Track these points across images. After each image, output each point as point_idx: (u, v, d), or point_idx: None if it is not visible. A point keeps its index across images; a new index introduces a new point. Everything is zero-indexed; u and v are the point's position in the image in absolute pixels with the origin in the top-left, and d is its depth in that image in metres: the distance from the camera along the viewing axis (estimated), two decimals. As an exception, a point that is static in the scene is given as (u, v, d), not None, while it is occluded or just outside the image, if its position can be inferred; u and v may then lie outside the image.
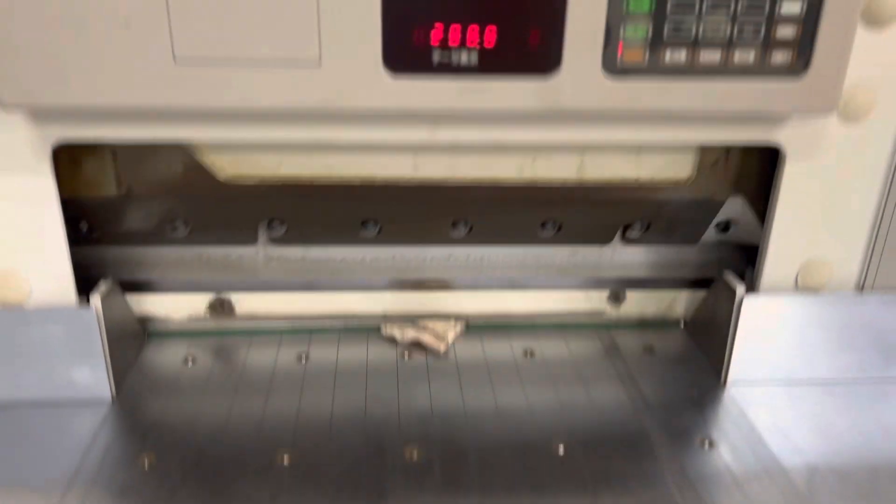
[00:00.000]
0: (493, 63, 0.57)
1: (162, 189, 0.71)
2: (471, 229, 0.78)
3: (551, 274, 0.81)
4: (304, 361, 0.76)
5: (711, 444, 0.66)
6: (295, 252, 0.79)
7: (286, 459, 0.62)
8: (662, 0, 0.56)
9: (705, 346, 0.79)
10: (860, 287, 0.73)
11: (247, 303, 0.80)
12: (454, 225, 0.78)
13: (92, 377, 0.68)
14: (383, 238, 0.79)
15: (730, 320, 0.73)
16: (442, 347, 0.79)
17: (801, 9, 0.57)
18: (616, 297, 0.83)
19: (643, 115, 0.63)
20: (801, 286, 0.72)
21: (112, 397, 0.69)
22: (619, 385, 0.74)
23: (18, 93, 0.54)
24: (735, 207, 0.78)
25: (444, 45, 0.56)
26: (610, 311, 0.84)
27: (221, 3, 0.53)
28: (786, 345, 0.73)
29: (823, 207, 0.69)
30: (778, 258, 0.71)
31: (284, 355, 0.77)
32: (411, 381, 0.74)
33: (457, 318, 0.82)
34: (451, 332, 0.81)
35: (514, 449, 0.64)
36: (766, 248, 0.71)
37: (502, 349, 0.80)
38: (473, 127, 0.63)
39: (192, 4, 0.52)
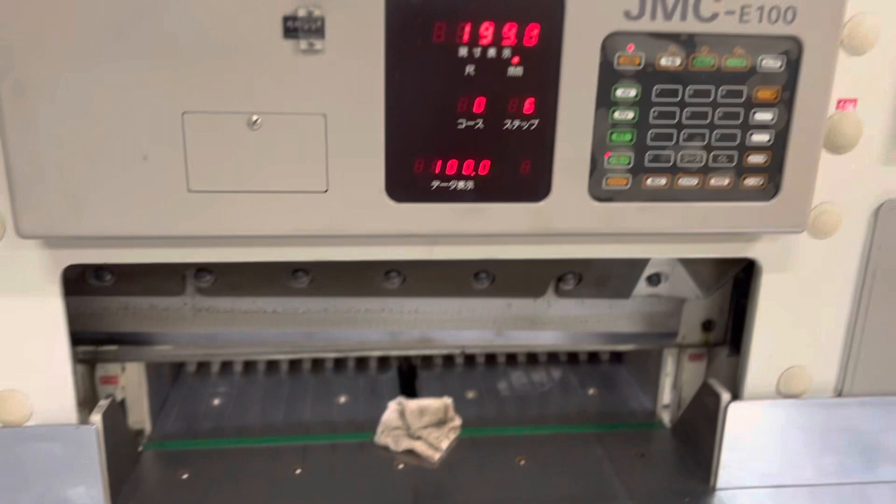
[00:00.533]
0: (488, 190, 0.61)
1: None
2: (404, 280, 0.79)
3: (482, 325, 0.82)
4: (297, 474, 0.76)
5: (706, 553, 0.67)
6: (224, 303, 0.79)
7: (286, 579, 0.62)
8: (643, 132, 0.60)
9: (693, 450, 0.81)
10: (839, 392, 0.76)
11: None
12: (387, 275, 0.79)
13: (88, 495, 0.68)
14: (315, 289, 0.78)
15: (715, 426, 0.75)
16: (435, 457, 0.80)
17: (770, 139, 0.62)
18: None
19: (627, 235, 0.67)
20: (783, 392, 0.75)
21: (107, 516, 0.69)
22: (612, 493, 0.75)
23: (36, 224, 0.57)
24: (664, 261, 0.81)
25: (442, 174, 0.60)
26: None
27: (234, 140, 0.56)
28: (771, 450, 0.75)
29: (800, 317, 0.73)
30: (759, 366, 0.74)
31: (279, 467, 0.77)
32: (402, 494, 0.74)
33: (452, 427, 0.83)
34: (445, 440, 0.82)
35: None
36: (748, 356, 0.74)
37: (496, 458, 0.81)
38: (469, 245, 0.67)
39: (206, 141, 0.56)
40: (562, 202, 0.61)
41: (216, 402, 0.89)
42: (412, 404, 0.85)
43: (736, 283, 0.81)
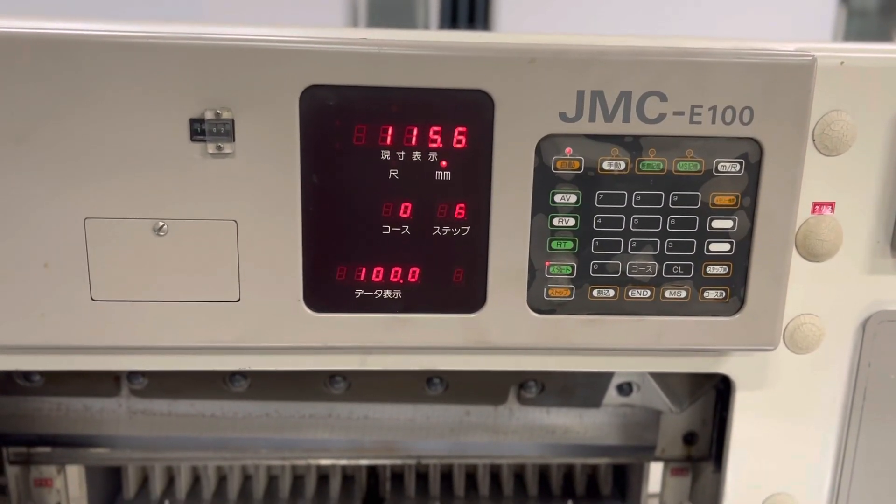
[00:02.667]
0: (417, 300, 0.56)
1: None
2: (349, 385, 0.74)
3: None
4: None
5: None
6: (160, 406, 0.74)
7: None
8: (586, 240, 0.55)
9: (673, 579, 0.73)
10: (830, 524, 0.67)
11: None
12: (331, 380, 0.74)
13: None
14: (255, 393, 0.74)
15: (693, 557, 0.67)
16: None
17: (731, 248, 0.56)
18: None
19: (574, 350, 0.61)
20: (767, 523, 0.67)
21: None
22: None
23: (-67, 331, 0.54)
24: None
25: (367, 282, 0.55)
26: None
27: (139, 246, 0.53)
28: (755, 588, 0.67)
29: (782, 439, 0.65)
30: (739, 492, 0.67)
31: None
32: None
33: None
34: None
35: None
36: (725, 481, 0.66)
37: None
38: (404, 355, 0.62)
39: (110, 248, 0.53)
40: (498, 314, 0.56)
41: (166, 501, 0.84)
42: (372, 514, 0.79)
43: (718, 392, 0.74)
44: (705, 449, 0.77)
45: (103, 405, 0.73)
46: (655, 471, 0.82)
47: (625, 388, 0.76)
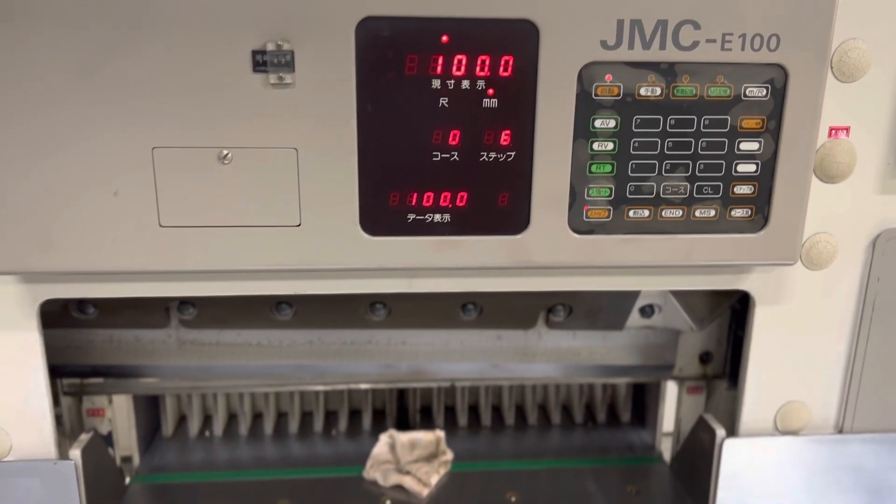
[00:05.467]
0: (465, 223, 0.59)
1: None
2: (390, 312, 0.78)
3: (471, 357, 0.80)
4: (285, 509, 0.75)
5: None
6: (209, 335, 0.78)
7: None
8: (624, 163, 0.59)
9: (690, 487, 0.78)
10: (840, 428, 0.73)
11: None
12: (372, 307, 0.78)
13: (67, 532, 0.67)
14: (300, 321, 0.77)
15: (711, 463, 0.72)
16: (424, 493, 0.78)
17: (757, 169, 0.60)
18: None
19: (610, 268, 0.65)
20: (781, 429, 0.72)
21: (87, 553, 0.68)
22: (604, 532, 0.73)
23: (9, 260, 0.56)
24: (656, 292, 0.79)
25: (418, 207, 0.59)
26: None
27: (205, 174, 0.56)
28: (770, 489, 0.73)
29: (797, 350, 0.70)
30: (755, 401, 0.72)
31: (266, 501, 0.76)
32: (392, 529, 0.73)
33: (443, 463, 0.82)
34: (435, 475, 0.80)
35: None
36: (743, 391, 0.71)
37: (486, 494, 0.79)
38: (449, 278, 0.66)
39: (177, 176, 0.56)
40: (541, 235, 0.60)
41: (206, 434, 0.88)
42: (403, 438, 0.84)
43: (733, 313, 0.79)
44: (720, 367, 0.82)
45: (153, 336, 0.77)
46: (671, 392, 0.87)
47: (647, 311, 0.80)
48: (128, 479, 0.80)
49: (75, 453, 0.66)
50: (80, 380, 0.76)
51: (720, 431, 0.72)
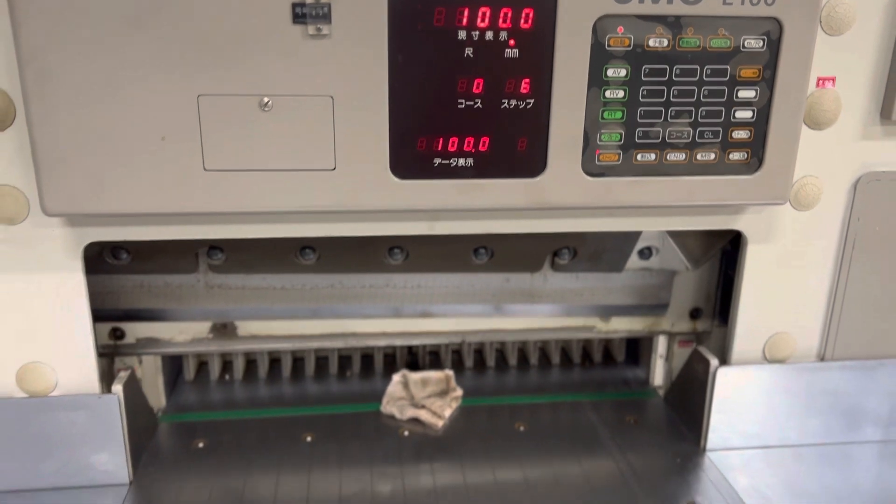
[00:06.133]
0: (486, 167, 0.64)
1: None
2: (407, 256, 0.83)
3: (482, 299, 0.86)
4: (308, 443, 0.80)
5: (696, 508, 0.71)
6: (235, 280, 0.82)
7: (301, 535, 0.66)
8: (633, 110, 0.64)
9: (684, 415, 0.85)
10: (822, 357, 0.80)
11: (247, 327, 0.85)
12: (390, 252, 0.82)
13: (111, 462, 0.71)
14: (322, 266, 0.82)
15: (705, 391, 0.79)
16: (439, 424, 0.84)
17: (753, 115, 0.65)
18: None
19: (619, 208, 0.70)
20: (769, 358, 0.79)
21: (130, 481, 0.72)
22: (608, 457, 0.79)
23: (61, 202, 0.60)
24: (654, 234, 0.85)
25: (443, 152, 0.63)
26: (600, 325, 0.90)
27: (247, 121, 0.60)
28: (758, 412, 0.79)
29: (784, 285, 0.77)
30: (746, 333, 0.78)
31: (291, 435, 0.81)
32: (413, 458, 0.78)
33: (454, 399, 0.87)
34: (448, 409, 0.86)
35: (513, 518, 0.69)
36: (735, 324, 0.78)
37: (496, 424, 0.85)
38: (468, 220, 0.70)
39: (220, 122, 0.59)
40: (557, 178, 0.65)
41: (226, 377, 0.93)
42: (415, 376, 0.89)
43: (724, 255, 0.85)
44: (708, 324, 0.88)
45: (182, 281, 0.80)
46: (664, 343, 0.93)
47: (645, 253, 0.86)
48: (157, 419, 0.84)
49: (117, 388, 0.71)
50: (114, 341, 0.80)
51: (714, 361, 0.78)
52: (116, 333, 0.81)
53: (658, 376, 0.93)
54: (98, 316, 0.77)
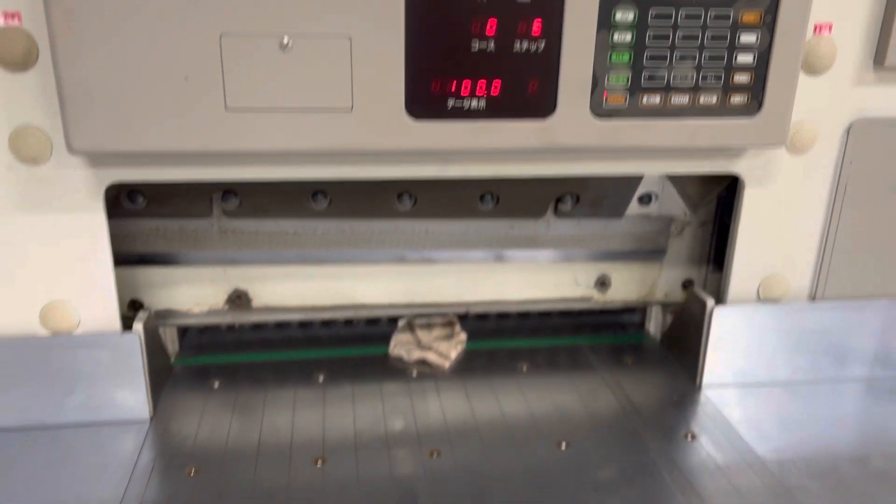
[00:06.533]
0: (498, 108, 0.66)
1: None
2: (415, 201, 0.85)
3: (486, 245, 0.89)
4: (321, 381, 0.83)
5: (694, 437, 0.75)
6: (249, 225, 0.84)
7: (320, 463, 0.69)
8: (640, 52, 0.66)
9: (679, 356, 0.89)
10: (812, 297, 0.83)
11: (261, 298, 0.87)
12: (399, 198, 0.84)
13: (132, 399, 0.74)
14: (333, 211, 0.84)
15: (701, 330, 0.82)
16: (446, 364, 0.87)
17: (754, 59, 0.68)
18: (602, 283, 0.93)
19: (625, 150, 0.73)
20: (762, 297, 0.83)
21: (150, 417, 0.75)
22: (608, 391, 0.83)
23: (86, 140, 0.61)
24: (654, 179, 0.88)
25: (457, 94, 0.65)
26: (597, 296, 0.93)
27: (267, 61, 0.61)
28: (751, 351, 0.83)
29: (778, 228, 0.80)
30: (741, 273, 0.81)
31: (302, 378, 0.84)
32: (422, 394, 0.81)
33: (459, 340, 0.90)
34: (454, 351, 0.89)
35: (521, 446, 0.72)
36: (731, 265, 0.81)
37: (500, 365, 0.88)
38: (479, 164, 0.73)
39: (242, 62, 0.61)
40: (566, 119, 0.67)
41: (235, 326, 0.95)
42: (421, 320, 0.92)
43: (719, 203, 0.88)
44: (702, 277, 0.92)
45: (197, 226, 0.82)
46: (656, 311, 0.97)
47: (645, 199, 0.89)
48: (172, 361, 0.86)
49: (138, 327, 0.73)
50: (133, 313, 0.81)
51: (710, 301, 0.81)
52: (135, 306, 0.83)
53: (654, 322, 0.96)
54: (114, 260, 0.79)
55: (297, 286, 0.88)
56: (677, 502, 0.65)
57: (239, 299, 0.87)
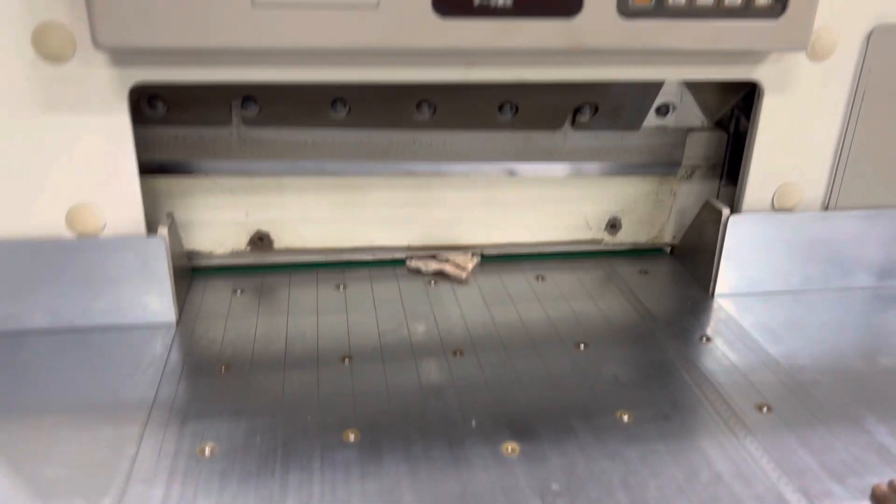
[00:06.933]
0: (525, 6, 0.66)
1: None
2: (434, 111, 0.85)
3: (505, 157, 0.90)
4: (342, 289, 0.84)
5: (709, 340, 0.77)
6: (268, 134, 0.84)
7: (347, 361, 0.70)
8: (666, -49, 0.66)
9: (692, 267, 0.90)
10: (826, 206, 0.85)
11: (283, 240, 0.88)
12: (419, 107, 0.84)
13: (158, 302, 0.75)
14: (352, 120, 0.84)
15: (716, 240, 0.84)
16: (464, 275, 0.88)
17: (779, -40, 0.68)
18: (613, 226, 0.94)
19: (648, 53, 0.73)
20: (777, 207, 0.84)
21: (177, 320, 0.76)
22: (623, 299, 0.84)
23: (112, 35, 0.61)
24: (673, 88, 0.88)
25: (483, -10, 0.65)
26: (607, 238, 0.95)
27: (296, -48, 0.60)
28: (764, 260, 0.85)
29: (795, 136, 0.81)
30: (756, 182, 0.82)
31: (323, 285, 0.85)
32: (442, 302, 0.83)
33: (472, 251, 0.91)
34: (470, 262, 0.90)
35: (540, 347, 0.74)
36: (747, 173, 0.82)
37: (516, 276, 0.89)
38: (502, 66, 0.73)
39: (270, -46, 0.60)
40: (592, 18, 0.67)
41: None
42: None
43: (732, 114, 0.88)
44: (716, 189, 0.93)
45: (216, 134, 0.82)
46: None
47: (662, 110, 0.89)
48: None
49: (163, 230, 0.73)
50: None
51: (725, 210, 0.83)
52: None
53: (667, 234, 0.98)
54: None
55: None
56: (695, 396, 0.67)
57: (261, 241, 0.88)
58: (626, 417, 0.64)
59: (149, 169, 0.81)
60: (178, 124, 0.81)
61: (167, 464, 0.57)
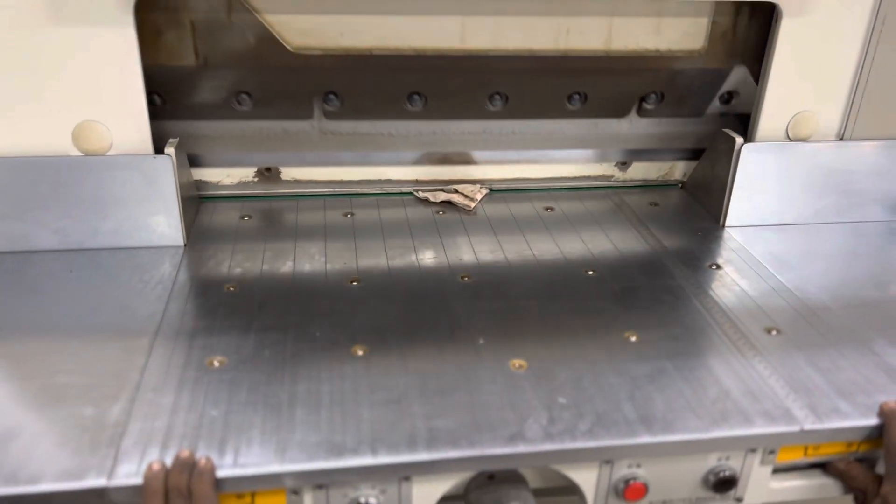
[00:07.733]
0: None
1: (235, 59, 0.77)
2: (506, 101, 0.86)
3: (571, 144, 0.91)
4: (350, 217, 0.84)
5: (719, 267, 0.76)
6: (347, 126, 0.85)
7: (355, 283, 0.70)
8: None
9: (703, 199, 0.89)
10: (841, 136, 0.83)
11: (292, 172, 0.88)
12: (491, 98, 0.86)
13: (166, 224, 0.74)
14: (428, 112, 0.85)
15: (728, 171, 0.83)
16: (471, 205, 0.87)
17: None
18: (623, 164, 0.93)
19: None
20: (791, 136, 0.82)
21: (184, 243, 0.76)
22: (633, 229, 0.84)
23: (116, -59, 0.60)
24: (738, 77, 0.87)
25: None
26: (617, 174, 0.94)
27: None
28: (776, 190, 0.84)
29: (812, 64, 0.79)
30: (771, 111, 0.81)
31: (331, 213, 0.85)
32: (450, 230, 0.82)
33: (482, 183, 0.91)
34: (479, 193, 0.89)
35: (550, 273, 0.74)
36: (762, 101, 0.81)
37: (525, 207, 0.89)
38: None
39: None
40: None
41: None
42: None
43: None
44: None
45: (299, 128, 0.83)
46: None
47: (723, 97, 0.89)
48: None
49: (170, 150, 0.73)
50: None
51: (739, 139, 0.81)
52: None
53: (678, 170, 0.97)
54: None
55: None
56: (704, 319, 0.67)
57: (268, 171, 0.87)
58: (633, 338, 0.64)
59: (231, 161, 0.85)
60: (263, 118, 0.82)
61: (177, 374, 0.57)
